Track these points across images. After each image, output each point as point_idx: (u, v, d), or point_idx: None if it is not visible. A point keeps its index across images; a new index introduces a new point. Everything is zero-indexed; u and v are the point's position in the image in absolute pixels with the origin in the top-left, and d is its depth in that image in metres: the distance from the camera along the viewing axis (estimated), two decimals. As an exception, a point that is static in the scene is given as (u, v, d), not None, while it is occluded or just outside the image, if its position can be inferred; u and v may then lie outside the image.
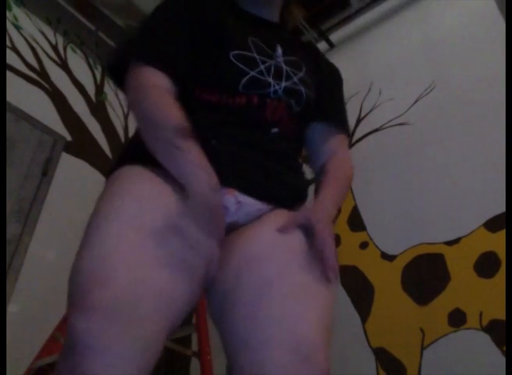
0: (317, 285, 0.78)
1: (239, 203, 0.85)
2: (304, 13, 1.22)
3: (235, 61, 0.96)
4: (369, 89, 2.75)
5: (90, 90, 2.87)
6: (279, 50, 1.04)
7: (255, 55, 0.99)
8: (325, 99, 1.10)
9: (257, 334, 0.71)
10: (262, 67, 0.99)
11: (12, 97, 2.23)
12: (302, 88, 1.02)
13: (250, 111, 0.95)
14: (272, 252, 0.79)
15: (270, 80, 0.98)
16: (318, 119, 1.09)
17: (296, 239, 0.83)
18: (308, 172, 1.10)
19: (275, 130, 0.97)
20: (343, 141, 1.12)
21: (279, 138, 0.97)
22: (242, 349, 0.71)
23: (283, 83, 0.99)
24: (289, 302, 0.73)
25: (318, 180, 1.02)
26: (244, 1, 1.12)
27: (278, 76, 0.99)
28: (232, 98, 0.94)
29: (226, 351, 0.75)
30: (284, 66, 1.02)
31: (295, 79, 1.02)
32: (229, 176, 0.83)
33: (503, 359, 1.65)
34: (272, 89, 0.97)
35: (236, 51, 0.98)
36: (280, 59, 1.03)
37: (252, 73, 0.96)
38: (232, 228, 0.86)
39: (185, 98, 0.93)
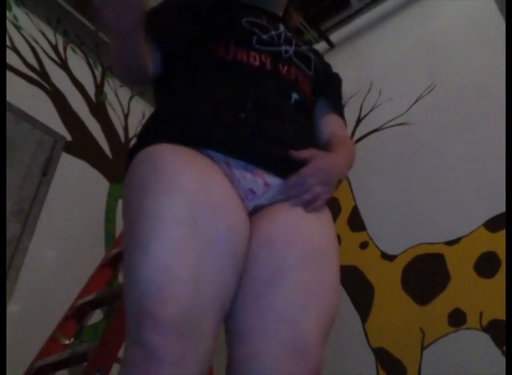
0: (326, 283, 0.78)
1: (267, 185, 0.85)
2: (301, 19, 1.22)
3: (247, 26, 1.00)
4: (369, 89, 2.75)
5: (90, 90, 2.87)
6: (282, 27, 1.07)
7: (265, 23, 1.03)
8: (325, 84, 1.12)
9: (256, 328, 0.72)
10: (273, 33, 1.02)
11: (12, 97, 2.23)
12: (311, 55, 1.05)
13: (265, 73, 0.95)
14: (290, 241, 0.79)
15: (281, 42, 1.01)
16: (321, 97, 1.11)
17: (318, 229, 0.83)
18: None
19: (295, 95, 0.96)
20: (341, 122, 1.14)
21: (299, 107, 0.97)
22: (242, 341, 0.72)
23: (293, 48, 1.02)
24: (293, 298, 0.73)
25: (327, 146, 1.03)
26: None
27: (288, 42, 1.02)
28: (246, 54, 0.96)
29: (227, 338, 0.76)
30: (292, 37, 1.06)
31: (303, 47, 1.06)
32: (258, 156, 0.84)
33: (503, 359, 1.65)
34: (283, 49, 0.99)
35: (248, 19, 1.01)
36: (287, 31, 1.06)
37: (264, 36, 0.99)
38: (258, 210, 0.86)
39: (204, 61, 0.97)
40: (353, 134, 2.66)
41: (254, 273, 0.76)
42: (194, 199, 0.73)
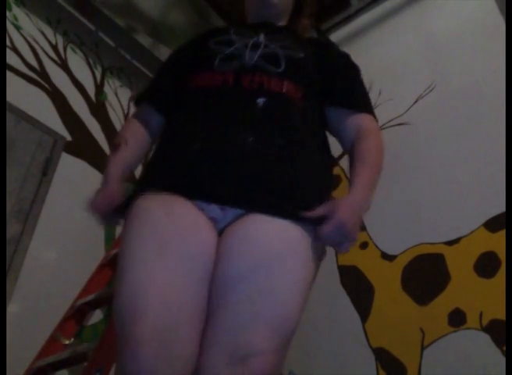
0: (281, 288, 0.80)
1: (223, 210, 0.89)
2: (314, 25, 1.24)
3: (213, 46, 1.05)
4: (369, 89, 2.74)
5: (90, 90, 2.87)
6: (262, 35, 1.08)
7: (233, 37, 1.06)
8: (338, 85, 1.10)
9: (207, 340, 0.76)
10: (239, 44, 1.04)
11: (12, 97, 2.23)
12: (280, 51, 1.03)
13: (227, 90, 0.98)
14: (240, 252, 0.83)
15: (246, 52, 1.02)
16: (331, 104, 1.08)
17: (275, 235, 0.85)
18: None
19: (261, 100, 0.96)
20: (363, 119, 1.08)
21: (273, 107, 0.96)
22: (200, 352, 0.76)
23: (259, 52, 1.02)
24: (240, 309, 0.77)
25: (350, 167, 1.03)
26: (252, 13, 1.22)
27: (254, 47, 1.03)
28: (210, 76, 1.00)
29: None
30: (263, 41, 1.05)
31: (272, 47, 1.04)
32: (210, 194, 0.89)
33: (503, 359, 1.65)
34: (246, 58, 1.00)
35: (216, 39, 1.06)
36: (261, 38, 1.06)
37: (227, 50, 1.02)
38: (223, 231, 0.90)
39: (178, 98, 1.06)
40: (353, 134, 2.66)
41: (211, 287, 0.82)
42: (162, 231, 0.83)
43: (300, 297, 0.83)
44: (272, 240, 0.85)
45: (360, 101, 1.12)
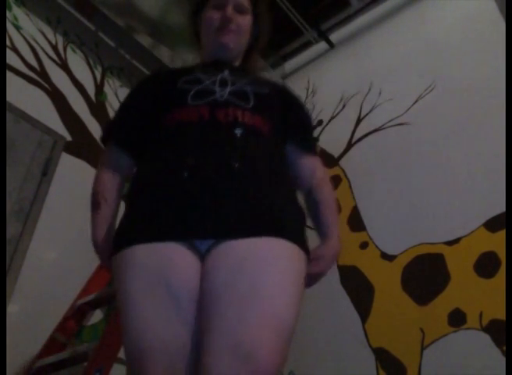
0: (266, 288, 0.85)
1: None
2: (263, 62, 1.32)
3: (182, 85, 1.12)
4: (369, 89, 2.75)
5: (90, 90, 2.87)
6: (226, 71, 1.16)
7: (200, 75, 1.14)
8: (292, 124, 1.21)
9: (207, 343, 0.81)
10: (207, 82, 1.12)
11: (12, 97, 2.23)
12: (248, 88, 1.12)
13: (204, 124, 1.04)
14: (219, 262, 0.90)
15: (215, 88, 1.10)
16: (289, 141, 1.20)
17: (254, 244, 0.91)
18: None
19: (238, 131, 1.03)
20: (317, 161, 1.24)
21: (250, 136, 1.04)
22: (200, 354, 0.82)
23: (228, 89, 1.10)
24: (231, 310, 0.82)
25: (312, 209, 1.17)
26: (206, 47, 1.28)
27: (223, 84, 1.11)
28: (186, 112, 1.06)
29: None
30: (230, 78, 1.14)
31: (239, 84, 1.13)
32: (191, 229, 0.93)
33: (503, 359, 1.65)
34: (218, 94, 1.09)
35: (184, 78, 1.14)
36: (226, 74, 1.15)
37: (198, 87, 1.10)
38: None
39: (152, 136, 1.11)
40: (353, 134, 2.66)
41: (201, 301, 0.89)
42: (147, 271, 0.91)
43: (288, 296, 0.87)
44: (252, 248, 0.90)
45: (313, 146, 1.26)
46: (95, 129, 2.78)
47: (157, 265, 0.91)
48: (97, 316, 2.28)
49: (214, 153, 0.99)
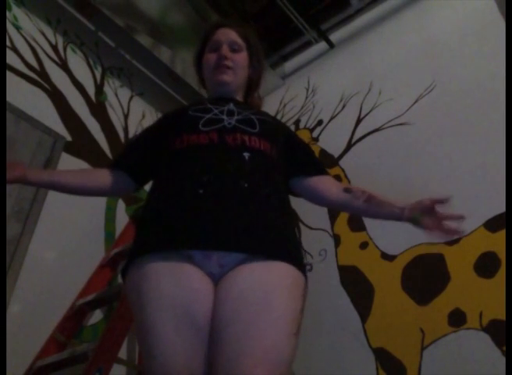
0: (267, 323, 0.90)
1: (221, 266, 1.00)
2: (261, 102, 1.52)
3: (193, 113, 1.23)
4: (369, 89, 2.75)
5: (90, 90, 2.87)
6: (231, 104, 1.27)
7: (209, 106, 1.25)
8: (298, 156, 1.32)
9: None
10: (216, 111, 1.23)
11: (12, 97, 2.23)
12: (253, 117, 1.23)
13: (214, 147, 1.13)
14: (224, 297, 0.95)
15: (224, 117, 1.21)
16: (300, 173, 1.30)
17: (260, 277, 0.97)
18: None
19: (246, 154, 1.13)
20: (331, 179, 1.34)
21: (257, 159, 1.13)
22: None
23: (235, 117, 1.21)
24: (228, 349, 0.87)
25: (354, 202, 1.25)
26: (209, 86, 1.40)
27: (230, 114, 1.22)
28: (197, 137, 1.15)
29: None
30: (236, 109, 1.25)
31: (245, 113, 1.24)
32: (210, 240, 1.00)
33: (503, 359, 1.65)
34: (226, 122, 1.19)
35: (194, 108, 1.25)
36: (232, 106, 1.26)
37: (208, 116, 1.20)
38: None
39: (165, 159, 1.19)
40: (353, 134, 2.66)
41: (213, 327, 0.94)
42: (173, 303, 0.95)
43: (287, 327, 0.91)
44: (256, 281, 0.96)
45: (323, 167, 1.36)
46: (95, 129, 2.78)
47: (181, 294, 0.96)
48: (97, 316, 2.28)
49: (225, 173, 1.08)
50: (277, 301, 0.93)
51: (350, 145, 2.64)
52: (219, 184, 1.06)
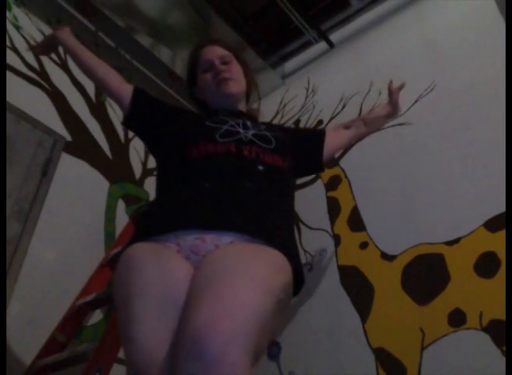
0: (243, 289, 0.89)
1: (217, 246, 1.03)
2: (258, 110, 1.57)
3: (209, 123, 1.27)
4: (369, 89, 2.75)
5: (90, 90, 2.87)
6: (244, 118, 1.34)
7: (224, 118, 1.30)
8: (308, 142, 1.53)
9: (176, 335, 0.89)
10: (233, 122, 1.28)
11: (12, 97, 2.23)
12: (267, 133, 1.29)
13: (231, 155, 1.19)
14: (206, 266, 0.97)
15: (240, 129, 1.26)
16: (319, 149, 1.53)
17: (235, 249, 1.01)
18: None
19: (260, 167, 1.19)
20: (330, 132, 1.62)
21: (270, 173, 1.21)
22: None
23: (251, 132, 1.27)
24: (202, 309, 0.86)
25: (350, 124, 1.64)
26: (214, 103, 1.44)
27: (246, 128, 1.28)
28: (214, 147, 1.20)
29: None
30: (249, 123, 1.31)
31: (258, 128, 1.31)
32: (206, 220, 1.05)
33: (503, 359, 1.65)
34: (242, 135, 1.25)
35: (210, 119, 1.30)
36: (245, 120, 1.32)
37: (225, 127, 1.26)
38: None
39: (180, 164, 1.24)
40: (353, 134, 2.66)
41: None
42: (157, 291, 0.96)
43: (259, 289, 0.90)
44: (235, 251, 1.00)
45: (323, 131, 1.62)
46: (95, 129, 2.78)
47: (163, 282, 0.97)
48: (97, 316, 2.28)
49: (236, 178, 1.15)
50: (253, 264, 0.95)
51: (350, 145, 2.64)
52: (228, 183, 1.13)
